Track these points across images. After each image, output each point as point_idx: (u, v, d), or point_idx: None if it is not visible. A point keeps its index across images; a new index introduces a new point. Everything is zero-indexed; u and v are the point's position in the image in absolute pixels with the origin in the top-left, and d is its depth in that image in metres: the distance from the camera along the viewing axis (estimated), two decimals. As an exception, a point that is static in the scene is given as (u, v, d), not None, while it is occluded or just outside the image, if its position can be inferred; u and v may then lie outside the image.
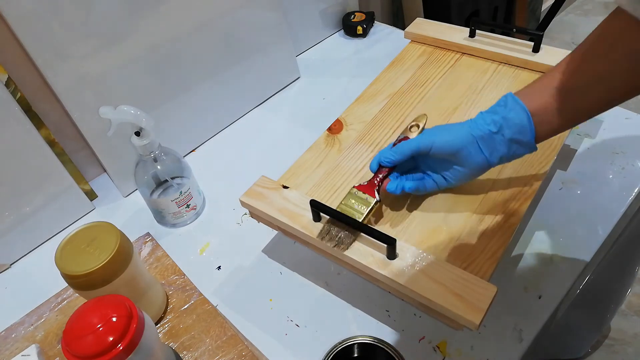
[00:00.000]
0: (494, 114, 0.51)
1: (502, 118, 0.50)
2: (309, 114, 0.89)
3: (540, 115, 0.49)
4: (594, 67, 0.46)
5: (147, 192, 0.70)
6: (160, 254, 0.68)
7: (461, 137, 0.52)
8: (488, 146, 0.51)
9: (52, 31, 0.62)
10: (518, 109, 0.49)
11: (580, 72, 0.47)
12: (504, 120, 0.50)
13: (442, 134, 0.53)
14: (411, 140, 0.54)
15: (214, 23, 0.78)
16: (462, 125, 0.53)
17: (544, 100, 0.48)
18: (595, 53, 0.46)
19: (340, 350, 0.54)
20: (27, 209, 0.70)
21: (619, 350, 1.27)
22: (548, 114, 0.49)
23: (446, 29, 0.81)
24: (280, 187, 0.60)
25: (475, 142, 0.51)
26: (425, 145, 0.53)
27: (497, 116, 0.50)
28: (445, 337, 0.57)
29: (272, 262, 0.67)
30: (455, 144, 0.52)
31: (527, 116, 0.49)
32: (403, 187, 0.56)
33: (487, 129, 0.51)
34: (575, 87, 0.47)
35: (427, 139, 0.53)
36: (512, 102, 0.50)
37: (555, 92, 0.48)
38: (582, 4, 2.36)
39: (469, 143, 0.51)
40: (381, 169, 0.56)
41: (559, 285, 0.60)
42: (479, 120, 0.52)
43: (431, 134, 0.54)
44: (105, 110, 0.59)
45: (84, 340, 0.41)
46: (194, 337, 0.59)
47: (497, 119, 0.50)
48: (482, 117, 0.52)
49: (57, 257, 0.51)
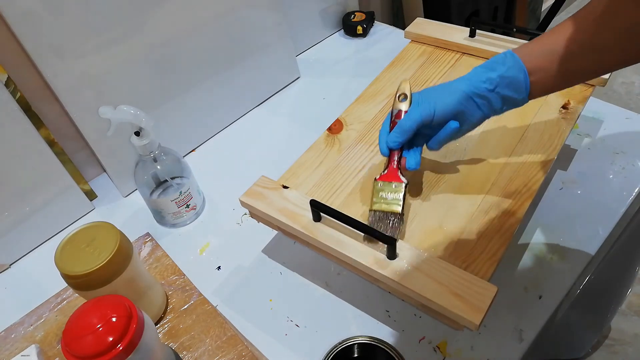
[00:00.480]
0: (490, 70, 0.51)
1: (499, 77, 0.50)
2: (309, 114, 0.89)
3: (537, 74, 0.50)
4: (595, 35, 0.47)
5: (146, 192, 0.70)
6: (160, 254, 0.68)
7: (459, 99, 0.51)
8: (484, 102, 0.52)
9: (52, 31, 0.62)
10: (517, 69, 0.50)
11: (580, 38, 0.47)
12: (500, 78, 0.50)
13: (440, 98, 0.52)
14: (411, 114, 0.53)
15: (214, 23, 0.78)
16: (456, 85, 0.52)
17: (542, 61, 0.49)
18: (597, 22, 0.47)
19: (340, 350, 0.54)
20: (27, 209, 0.70)
21: (619, 351, 1.27)
22: (544, 75, 0.50)
23: (446, 28, 0.81)
24: (280, 187, 0.60)
25: (472, 100, 0.52)
26: (428, 114, 0.52)
27: (494, 74, 0.51)
28: (445, 337, 0.57)
29: (272, 262, 0.67)
30: (454, 107, 0.52)
31: (524, 75, 0.50)
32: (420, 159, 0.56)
33: (484, 87, 0.51)
34: (574, 52, 0.48)
35: (427, 108, 0.52)
36: (511, 60, 0.50)
37: (553, 54, 0.48)
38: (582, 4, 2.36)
39: (468, 102, 0.52)
40: (392, 152, 0.56)
41: (559, 285, 0.60)
42: (474, 78, 0.52)
43: (428, 100, 0.53)
44: (104, 110, 0.59)
45: (84, 340, 0.41)
46: (193, 337, 0.58)
47: (494, 76, 0.51)
48: (477, 74, 0.52)
49: (57, 257, 0.51)
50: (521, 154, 0.62)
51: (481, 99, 0.52)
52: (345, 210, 0.57)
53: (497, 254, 0.53)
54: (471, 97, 0.51)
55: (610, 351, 1.26)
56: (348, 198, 0.61)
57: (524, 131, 0.65)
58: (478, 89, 0.51)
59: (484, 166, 0.62)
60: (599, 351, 1.26)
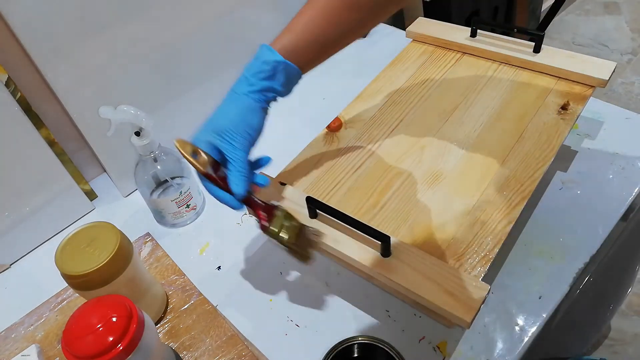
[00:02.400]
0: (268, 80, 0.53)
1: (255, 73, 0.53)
2: (308, 113, 0.89)
3: (292, 51, 0.53)
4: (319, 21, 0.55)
5: (147, 192, 0.70)
6: (160, 254, 0.68)
7: (261, 116, 0.53)
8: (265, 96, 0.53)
9: (52, 31, 0.62)
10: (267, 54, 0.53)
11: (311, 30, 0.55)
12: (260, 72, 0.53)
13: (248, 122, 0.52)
14: (236, 162, 0.51)
15: (214, 23, 0.78)
16: (246, 102, 0.52)
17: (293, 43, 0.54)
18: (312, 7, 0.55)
19: (340, 350, 0.54)
20: (27, 209, 0.70)
21: (619, 351, 1.27)
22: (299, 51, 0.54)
23: (448, 28, 0.81)
24: (277, 184, 0.61)
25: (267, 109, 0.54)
26: (250, 146, 0.52)
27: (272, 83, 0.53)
28: (445, 337, 0.57)
29: (272, 262, 0.67)
30: (262, 123, 0.53)
31: (271, 53, 0.53)
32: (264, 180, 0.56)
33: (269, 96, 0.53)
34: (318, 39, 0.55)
35: (245, 142, 0.51)
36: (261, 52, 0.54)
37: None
38: (582, 4, 2.36)
39: (254, 111, 0.52)
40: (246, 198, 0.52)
41: (559, 285, 0.60)
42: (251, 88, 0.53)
43: (239, 132, 0.51)
44: (105, 110, 0.59)
45: (84, 340, 0.41)
46: (194, 337, 0.58)
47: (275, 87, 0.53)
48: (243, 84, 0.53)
49: (57, 257, 0.51)
50: (518, 154, 0.62)
51: (270, 99, 0.54)
52: (343, 207, 0.57)
53: (490, 253, 0.53)
54: (266, 102, 0.53)
55: (610, 351, 1.26)
56: (345, 196, 0.61)
57: (522, 132, 0.65)
58: (266, 93, 0.53)
59: (480, 166, 0.62)
60: (598, 351, 1.26)
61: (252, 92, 0.52)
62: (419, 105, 0.71)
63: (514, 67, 0.74)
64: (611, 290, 1.03)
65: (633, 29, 2.18)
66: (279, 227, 0.52)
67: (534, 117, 0.67)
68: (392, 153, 0.66)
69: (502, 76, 0.74)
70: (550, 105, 0.68)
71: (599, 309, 1.04)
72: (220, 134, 0.51)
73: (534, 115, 0.67)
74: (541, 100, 0.69)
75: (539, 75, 0.72)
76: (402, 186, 0.61)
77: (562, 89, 0.70)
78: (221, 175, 0.51)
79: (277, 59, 0.52)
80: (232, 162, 0.51)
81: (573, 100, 0.67)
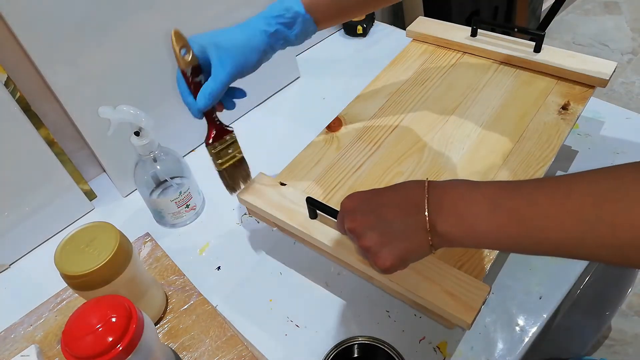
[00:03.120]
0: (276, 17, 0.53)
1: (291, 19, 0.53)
2: (308, 113, 0.89)
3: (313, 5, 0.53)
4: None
5: (146, 192, 0.70)
6: (160, 254, 0.68)
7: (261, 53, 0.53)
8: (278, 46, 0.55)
9: (52, 31, 0.62)
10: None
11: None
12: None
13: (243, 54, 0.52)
14: (218, 76, 0.52)
15: (214, 23, 0.77)
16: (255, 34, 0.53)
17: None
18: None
19: (340, 351, 0.53)
20: (26, 208, 0.70)
21: (619, 351, 1.27)
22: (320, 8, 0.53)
23: (448, 27, 0.81)
24: (277, 184, 0.61)
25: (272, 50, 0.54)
26: (234, 76, 0.52)
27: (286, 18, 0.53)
28: (445, 338, 0.57)
29: (272, 262, 0.67)
30: (259, 62, 0.54)
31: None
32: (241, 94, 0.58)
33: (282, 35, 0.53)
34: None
35: (233, 69, 0.52)
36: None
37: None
38: (582, 4, 2.36)
39: (267, 54, 0.54)
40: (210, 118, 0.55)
41: (559, 285, 0.60)
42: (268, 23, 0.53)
43: (231, 57, 0.52)
44: (104, 110, 0.59)
45: (84, 340, 0.41)
46: (193, 337, 0.58)
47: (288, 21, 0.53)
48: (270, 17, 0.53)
49: (57, 257, 0.51)
50: (519, 154, 0.62)
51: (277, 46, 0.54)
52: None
53: (491, 253, 0.53)
54: (272, 47, 0.54)
55: (610, 351, 1.26)
56: (345, 195, 0.61)
57: (523, 132, 0.65)
58: (278, 38, 0.53)
59: (481, 166, 0.62)
60: (598, 351, 1.26)
61: (265, 31, 0.53)
62: (419, 105, 0.71)
63: (515, 67, 0.74)
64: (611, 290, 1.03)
65: (633, 29, 2.18)
66: (219, 149, 0.55)
67: (534, 117, 0.66)
68: (393, 153, 0.65)
69: (502, 76, 0.74)
70: (550, 105, 0.68)
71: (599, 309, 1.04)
72: (217, 48, 0.51)
73: (535, 115, 0.67)
74: (541, 100, 0.69)
75: (540, 75, 0.72)
76: (402, 186, 0.61)
77: (563, 89, 0.69)
78: (196, 81, 0.53)
79: (298, 10, 0.53)
80: (212, 77, 0.52)
81: (573, 100, 0.67)
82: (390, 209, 0.42)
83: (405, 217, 0.41)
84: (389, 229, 0.42)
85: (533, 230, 0.36)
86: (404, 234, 0.41)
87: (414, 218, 0.40)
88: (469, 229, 0.38)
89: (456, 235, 0.39)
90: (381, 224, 0.42)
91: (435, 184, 0.41)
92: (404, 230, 0.41)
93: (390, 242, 0.42)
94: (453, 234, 0.39)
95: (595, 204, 0.33)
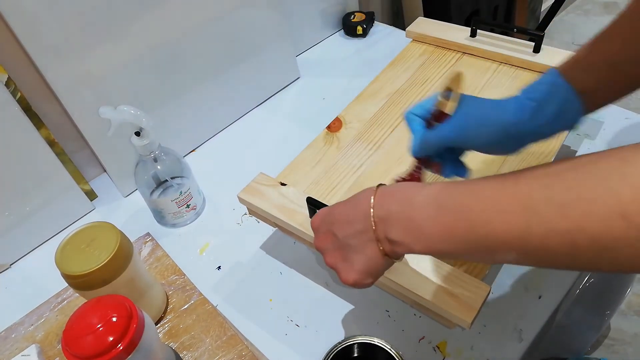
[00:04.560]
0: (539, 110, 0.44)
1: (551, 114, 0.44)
2: (308, 114, 0.89)
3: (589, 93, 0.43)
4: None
5: (147, 192, 0.70)
6: (160, 254, 0.68)
7: (501, 137, 0.44)
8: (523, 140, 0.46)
9: (52, 31, 0.62)
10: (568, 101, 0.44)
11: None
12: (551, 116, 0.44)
13: (479, 127, 0.45)
14: (442, 131, 0.46)
15: (214, 23, 0.78)
16: (503, 110, 0.44)
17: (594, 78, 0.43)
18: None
19: (340, 350, 0.54)
20: (27, 209, 0.70)
21: (619, 350, 1.27)
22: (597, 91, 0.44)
23: (448, 28, 0.81)
24: (277, 184, 0.61)
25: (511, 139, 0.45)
26: (458, 141, 0.46)
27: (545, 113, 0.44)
28: (445, 337, 0.57)
29: (272, 262, 0.67)
30: (493, 143, 0.45)
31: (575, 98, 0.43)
32: (462, 173, 0.49)
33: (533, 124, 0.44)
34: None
35: (459, 134, 0.45)
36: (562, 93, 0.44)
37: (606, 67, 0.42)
38: (582, 4, 2.36)
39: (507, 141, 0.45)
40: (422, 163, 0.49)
41: (559, 285, 0.60)
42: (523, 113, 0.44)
43: (465, 124, 0.45)
44: (105, 110, 0.59)
45: (84, 340, 0.41)
46: (194, 337, 0.58)
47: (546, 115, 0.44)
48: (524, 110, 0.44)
49: (57, 257, 0.51)
50: (519, 154, 0.62)
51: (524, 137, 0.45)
52: (345, 209, 0.57)
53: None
54: (514, 137, 0.45)
55: (610, 351, 1.26)
56: (345, 196, 0.60)
57: (524, 131, 0.65)
58: (525, 127, 0.44)
59: (480, 167, 0.62)
60: (598, 351, 1.26)
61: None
62: (419, 105, 0.71)
63: (514, 67, 0.74)
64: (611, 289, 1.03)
65: (633, 29, 2.18)
66: None
67: (534, 117, 0.66)
68: (393, 153, 0.66)
69: (501, 76, 0.74)
70: (550, 105, 0.68)
71: (599, 308, 1.04)
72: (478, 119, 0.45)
73: (534, 115, 0.67)
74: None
75: (539, 75, 0.72)
76: (402, 186, 0.61)
77: (562, 89, 0.69)
78: (436, 124, 0.47)
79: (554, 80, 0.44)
80: (439, 127, 0.46)
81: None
82: (342, 225, 0.42)
83: (356, 231, 0.40)
84: (346, 244, 0.41)
85: (479, 225, 0.33)
86: (359, 248, 0.40)
87: (364, 230, 0.40)
88: (418, 232, 0.37)
89: (407, 241, 0.37)
90: (338, 241, 0.42)
91: (383, 191, 0.40)
92: (357, 245, 0.40)
93: (350, 258, 0.41)
94: (404, 240, 0.38)
95: (543, 186, 0.31)
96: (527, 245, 0.31)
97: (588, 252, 0.29)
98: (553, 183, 0.30)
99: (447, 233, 0.35)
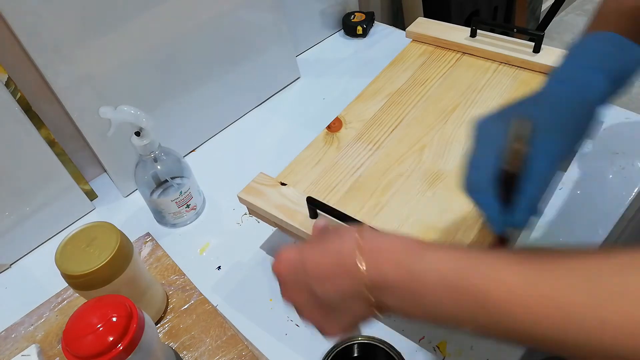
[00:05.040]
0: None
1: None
2: (308, 114, 0.89)
3: None
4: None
5: (147, 192, 0.70)
6: (160, 254, 0.68)
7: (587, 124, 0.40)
8: None
9: (52, 31, 0.62)
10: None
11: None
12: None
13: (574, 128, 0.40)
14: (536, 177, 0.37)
15: (214, 23, 0.78)
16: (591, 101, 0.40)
17: None
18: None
19: (340, 350, 0.54)
20: (27, 208, 0.70)
21: (619, 350, 1.27)
22: None
23: (448, 28, 0.81)
24: (278, 184, 0.61)
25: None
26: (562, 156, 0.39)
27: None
28: (445, 337, 0.57)
29: (272, 262, 0.67)
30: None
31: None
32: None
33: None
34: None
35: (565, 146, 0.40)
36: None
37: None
38: (582, 4, 2.36)
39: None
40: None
41: (559, 285, 0.60)
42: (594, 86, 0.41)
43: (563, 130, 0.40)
44: (105, 110, 0.59)
45: (84, 340, 0.41)
46: (194, 337, 0.59)
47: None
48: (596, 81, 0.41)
49: (57, 257, 0.51)
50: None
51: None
52: (343, 207, 0.57)
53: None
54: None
55: (610, 351, 1.26)
56: (345, 196, 0.61)
57: (524, 131, 0.65)
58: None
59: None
60: (598, 351, 1.26)
61: None
62: (419, 105, 0.71)
63: (514, 67, 0.74)
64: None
65: (633, 29, 2.18)
66: None
67: (533, 117, 0.67)
68: (393, 153, 0.66)
69: (502, 76, 0.74)
70: (550, 105, 0.68)
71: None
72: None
73: (534, 115, 0.67)
74: (541, 100, 0.69)
75: (539, 75, 0.72)
76: (403, 186, 0.61)
77: (562, 89, 0.69)
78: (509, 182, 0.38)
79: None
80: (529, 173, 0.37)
81: (573, 100, 0.67)
82: (321, 281, 0.36)
83: (341, 290, 0.35)
84: (328, 304, 0.37)
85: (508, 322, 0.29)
86: (345, 308, 0.36)
87: (351, 290, 0.35)
88: (422, 308, 0.33)
89: (407, 309, 0.34)
90: (317, 299, 0.37)
91: (371, 247, 0.35)
92: (343, 305, 0.36)
93: (332, 315, 0.38)
94: (403, 307, 0.33)
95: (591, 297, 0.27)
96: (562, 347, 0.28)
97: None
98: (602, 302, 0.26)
99: (460, 314, 0.31)
